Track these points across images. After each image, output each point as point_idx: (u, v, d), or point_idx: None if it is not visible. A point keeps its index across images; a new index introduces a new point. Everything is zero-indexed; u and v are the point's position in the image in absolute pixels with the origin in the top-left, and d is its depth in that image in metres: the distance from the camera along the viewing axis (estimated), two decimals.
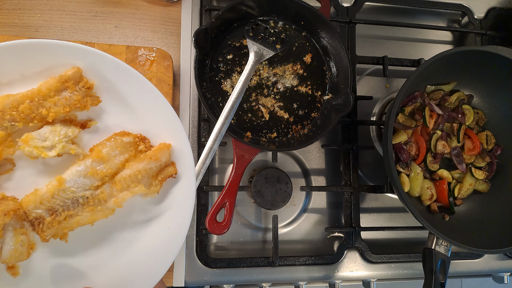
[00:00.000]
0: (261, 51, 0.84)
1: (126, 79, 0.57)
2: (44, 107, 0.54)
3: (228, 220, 0.75)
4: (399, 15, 1.10)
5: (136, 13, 0.92)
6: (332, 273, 0.90)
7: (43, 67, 0.55)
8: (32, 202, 0.52)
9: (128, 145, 0.56)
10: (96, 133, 0.58)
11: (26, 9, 0.88)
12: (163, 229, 0.57)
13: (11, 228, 0.51)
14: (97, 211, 0.54)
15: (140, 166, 0.55)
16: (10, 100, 0.52)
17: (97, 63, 0.56)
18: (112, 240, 0.57)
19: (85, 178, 0.54)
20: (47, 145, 0.53)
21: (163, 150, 0.56)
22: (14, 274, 0.53)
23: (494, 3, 1.11)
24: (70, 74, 0.55)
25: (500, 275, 0.99)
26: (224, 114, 0.72)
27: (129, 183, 0.55)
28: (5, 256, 0.51)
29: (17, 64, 0.54)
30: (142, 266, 0.56)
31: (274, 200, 0.87)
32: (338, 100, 0.86)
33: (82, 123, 0.58)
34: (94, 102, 0.57)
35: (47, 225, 0.53)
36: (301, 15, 0.89)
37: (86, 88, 0.56)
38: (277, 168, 0.90)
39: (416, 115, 0.91)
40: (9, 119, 0.52)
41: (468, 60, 0.85)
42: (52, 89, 0.54)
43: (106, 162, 0.55)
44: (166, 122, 0.57)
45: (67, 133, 0.55)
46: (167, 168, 0.57)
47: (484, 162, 0.93)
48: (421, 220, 0.75)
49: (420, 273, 0.88)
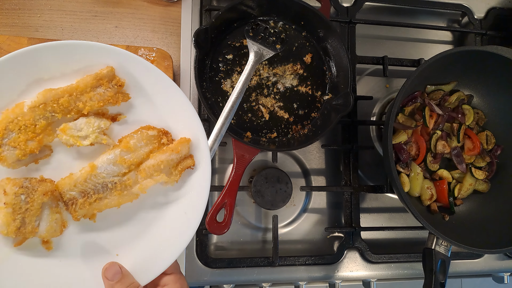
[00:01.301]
0: (261, 51, 0.84)
1: (153, 79, 0.63)
2: (80, 101, 0.61)
3: (228, 220, 0.75)
4: (399, 15, 1.10)
5: (136, 13, 0.92)
6: (332, 273, 0.90)
7: (80, 65, 0.62)
8: (67, 184, 0.59)
9: (153, 138, 0.63)
10: (124, 126, 0.64)
11: (26, 9, 0.88)
12: (180, 213, 0.64)
13: (47, 207, 0.58)
14: (124, 195, 0.61)
15: (163, 157, 0.61)
16: (51, 94, 0.59)
17: (128, 64, 0.62)
18: (135, 220, 0.64)
19: (114, 166, 0.60)
20: (82, 135, 0.60)
21: (184, 143, 0.62)
22: (48, 248, 0.60)
23: (494, 3, 1.11)
24: (104, 72, 0.61)
25: (500, 275, 0.99)
26: (224, 114, 0.72)
27: (152, 172, 0.61)
28: (41, 232, 0.57)
29: (58, 62, 0.61)
30: (161, 245, 0.62)
31: (274, 200, 0.87)
32: (338, 100, 0.86)
33: (113, 116, 0.64)
34: (124, 98, 0.63)
35: (79, 206, 0.59)
36: (301, 15, 0.89)
37: (118, 86, 0.62)
38: (277, 168, 0.90)
39: (416, 115, 0.91)
40: (50, 110, 0.59)
41: (468, 60, 0.85)
42: (89, 85, 0.61)
43: (133, 152, 0.62)
44: (187, 119, 0.64)
45: (99, 125, 0.61)
46: (186, 160, 0.63)
47: (484, 162, 0.93)
48: (421, 220, 0.75)
49: (420, 273, 0.88)
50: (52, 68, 0.61)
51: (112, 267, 0.58)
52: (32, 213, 0.56)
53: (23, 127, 0.58)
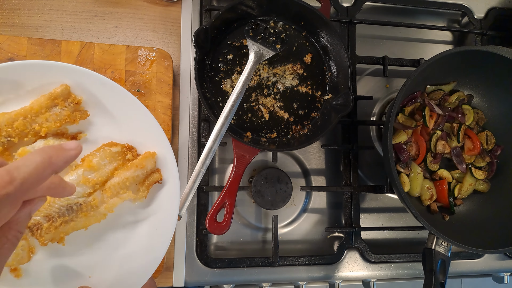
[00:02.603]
0: (261, 51, 0.84)
1: (110, 94, 0.61)
2: (36, 123, 0.58)
3: (228, 220, 0.75)
4: (399, 15, 1.10)
5: (136, 13, 0.92)
6: (332, 273, 0.90)
7: (34, 85, 0.59)
8: None
9: (117, 155, 0.61)
10: (86, 145, 0.62)
11: (26, 9, 0.88)
12: (151, 230, 0.62)
13: None
14: (90, 216, 0.58)
15: (128, 174, 0.59)
16: (5, 118, 0.56)
17: (83, 80, 0.60)
18: (105, 241, 0.62)
19: (78, 187, 0.58)
20: None
21: (148, 158, 0.61)
22: (17, 275, 0.57)
23: (494, 3, 1.11)
24: (59, 91, 0.59)
25: (500, 275, 0.99)
26: (224, 114, 0.72)
27: (119, 190, 0.59)
28: (8, 260, 0.54)
29: (11, 84, 0.58)
30: (134, 265, 0.61)
31: (274, 200, 0.87)
32: (338, 100, 0.86)
33: (73, 135, 0.62)
34: (83, 116, 0.61)
35: (45, 230, 0.56)
36: (301, 15, 0.89)
37: (74, 104, 0.60)
38: (277, 168, 0.90)
39: (416, 115, 0.91)
40: (5, 135, 0.56)
41: (468, 60, 0.85)
42: (43, 106, 0.58)
43: (97, 171, 0.59)
44: (150, 132, 0.62)
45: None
46: (153, 174, 0.61)
47: (484, 162, 0.93)
48: (421, 220, 0.75)
49: (420, 273, 0.88)
50: (5, 91, 0.58)
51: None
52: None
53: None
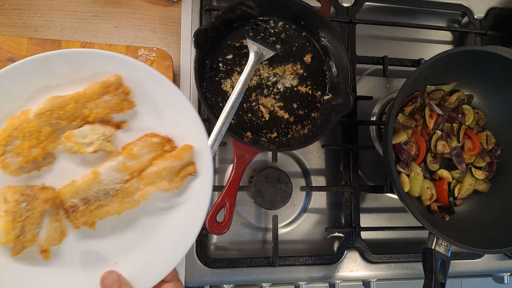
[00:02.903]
0: (261, 51, 0.84)
1: (158, 87, 0.64)
2: (87, 108, 0.61)
3: (228, 220, 0.75)
4: (399, 15, 1.10)
5: (136, 13, 0.92)
6: (332, 273, 0.90)
7: (88, 73, 0.62)
8: (69, 192, 0.59)
9: (156, 145, 0.63)
10: (128, 133, 0.64)
11: (26, 9, 0.88)
12: (180, 220, 0.63)
13: (48, 215, 0.58)
14: (125, 202, 0.61)
15: (165, 164, 0.61)
16: (58, 101, 0.59)
17: (135, 72, 0.63)
18: (135, 227, 0.64)
19: (117, 173, 0.60)
20: (86, 142, 0.60)
21: (186, 150, 0.62)
22: (46, 257, 0.59)
23: (494, 3, 1.11)
24: (112, 80, 0.61)
25: (500, 275, 0.99)
26: (224, 114, 0.72)
27: (155, 179, 0.61)
28: (40, 240, 0.57)
29: (67, 70, 0.61)
30: (161, 252, 0.62)
31: (274, 200, 0.87)
32: (338, 100, 0.86)
33: (117, 123, 0.64)
34: (130, 106, 0.63)
35: (80, 213, 0.59)
36: (301, 15, 0.89)
37: (124, 94, 0.63)
38: (277, 168, 0.90)
39: (416, 115, 0.91)
40: (56, 117, 0.59)
41: (468, 60, 0.85)
42: (96, 92, 0.61)
43: (136, 159, 0.61)
44: (190, 126, 0.64)
45: (104, 132, 0.61)
46: (188, 167, 0.63)
47: (484, 162, 0.93)
48: (421, 220, 0.75)
49: (420, 273, 0.88)
50: (60, 75, 0.61)
51: (110, 276, 0.58)
52: (32, 221, 0.56)
53: (27, 134, 0.58)
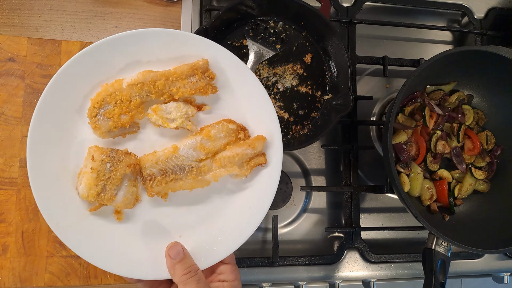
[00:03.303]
0: (261, 51, 0.84)
1: (240, 76, 0.67)
2: (175, 86, 0.65)
3: None
4: (399, 15, 1.10)
5: (136, 13, 0.92)
6: (332, 273, 0.90)
7: (177, 54, 0.66)
8: (150, 161, 0.63)
9: (232, 131, 0.66)
10: (208, 116, 0.68)
11: (26, 9, 0.88)
12: (245, 207, 0.67)
13: (127, 179, 0.62)
14: (198, 180, 0.64)
15: (239, 150, 0.65)
16: (151, 75, 0.63)
17: (221, 59, 0.66)
18: (202, 206, 0.67)
19: (194, 151, 0.64)
20: (170, 118, 0.65)
21: (260, 140, 0.66)
22: (119, 218, 0.63)
23: (494, 3, 1.11)
24: (200, 64, 0.65)
25: (500, 275, 0.99)
26: None
27: (227, 163, 0.65)
28: (118, 201, 0.61)
29: (159, 48, 0.65)
30: (223, 234, 0.65)
31: (274, 200, 0.86)
32: (338, 100, 0.86)
33: (199, 105, 0.68)
34: (213, 90, 0.67)
35: (156, 182, 0.63)
36: (301, 15, 0.89)
37: (209, 78, 0.66)
38: None
39: (416, 115, 0.91)
40: (146, 90, 0.64)
41: (468, 60, 0.85)
42: (184, 73, 0.65)
43: (212, 141, 0.65)
44: (266, 118, 0.67)
45: (187, 111, 0.65)
46: (259, 157, 0.66)
47: (484, 162, 0.92)
48: (421, 220, 0.75)
49: (420, 273, 0.88)
50: (152, 52, 0.65)
51: (175, 247, 0.60)
52: (113, 181, 0.60)
53: (119, 101, 0.62)
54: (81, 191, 0.60)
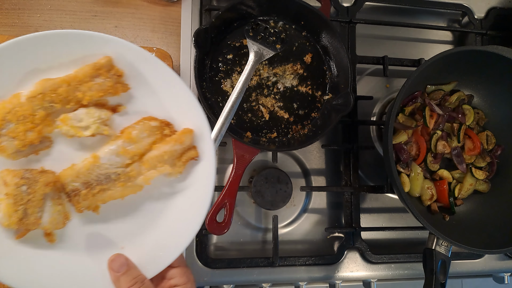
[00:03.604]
0: (261, 51, 0.84)
1: (153, 69, 0.62)
2: (79, 91, 0.60)
3: (228, 220, 0.75)
4: (399, 15, 1.10)
5: (136, 13, 0.92)
6: (332, 274, 0.90)
7: (78, 55, 0.61)
8: (70, 175, 0.58)
9: (155, 129, 0.62)
10: (125, 117, 0.64)
11: (26, 9, 0.88)
12: (185, 205, 0.63)
13: (50, 198, 0.57)
14: (127, 186, 0.60)
15: (166, 148, 0.61)
16: (49, 83, 0.58)
17: (127, 54, 0.61)
18: (140, 212, 0.63)
19: (117, 157, 0.60)
20: (82, 125, 0.59)
21: (187, 134, 0.62)
22: (51, 240, 0.59)
23: (494, 3, 1.11)
24: (103, 62, 0.60)
25: (500, 275, 0.98)
26: (224, 114, 0.72)
27: (156, 163, 0.61)
28: (44, 223, 0.56)
29: (56, 52, 0.60)
30: (167, 238, 0.62)
31: (274, 200, 0.87)
32: (338, 100, 0.86)
33: (113, 107, 0.63)
34: (124, 88, 0.62)
35: (82, 197, 0.59)
36: (301, 15, 0.88)
37: (117, 76, 0.61)
38: (277, 168, 0.90)
39: (416, 115, 0.91)
40: (49, 100, 0.58)
41: (468, 60, 0.85)
42: (87, 75, 0.60)
43: (136, 143, 0.61)
44: (189, 110, 0.63)
45: (100, 115, 0.60)
46: (190, 151, 0.63)
47: (485, 162, 0.92)
48: (421, 220, 0.75)
49: (420, 273, 0.88)
50: (50, 58, 0.60)
51: (117, 259, 0.58)
52: (34, 204, 0.55)
53: (21, 117, 0.56)
54: (1, 220, 0.54)
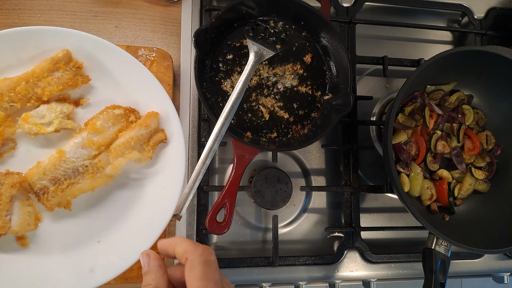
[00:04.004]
0: (261, 51, 0.84)
1: (110, 56, 0.61)
2: (39, 87, 0.58)
3: (228, 220, 0.75)
4: (399, 15, 1.10)
5: (136, 13, 0.92)
6: (332, 273, 0.90)
7: (36, 51, 0.59)
8: (36, 174, 0.57)
9: (120, 117, 0.61)
10: (89, 109, 0.62)
11: (26, 9, 0.88)
12: (158, 189, 0.62)
13: (17, 200, 0.55)
14: (97, 178, 0.59)
15: (132, 133, 0.60)
16: (7, 83, 0.56)
17: (84, 45, 0.60)
18: (112, 203, 0.62)
19: (83, 149, 0.58)
20: (45, 122, 0.58)
21: (152, 117, 0.61)
22: (24, 244, 0.57)
23: (494, 3, 1.11)
24: (60, 55, 0.59)
25: (500, 275, 0.99)
26: (224, 114, 0.72)
27: (124, 150, 0.59)
28: (14, 227, 0.54)
29: (13, 50, 0.58)
30: (143, 224, 0.60)
31: (274, 200, 0.87)
32: (338, 100, 0.86)
33: (75, 100, 0.62)
34: (84, 80, 0.61)
35: (52, 194, 0.57)
36: (301, 15, 0.89)
37: (76, 68, 0.60)
38: (277, 168, 0.90)
39: (416, 115, 0.91)
40: (8, 100, 0.56)
41: (468, 60, 0.85)
42: (45, 70, 0.58)
43: (101, 133, 0.60)
44: (152, 93, 0.62)
45: (62, 109, 0.59)
46: (157, 134, 0.62)
47: (484, 162, 0.93)
48: (421, 220, 0.75)
49: (420, 273, 0.88)
50: (7, 56, 0.58)
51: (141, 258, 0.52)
52: (1, 207, 0.53)
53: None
54: None
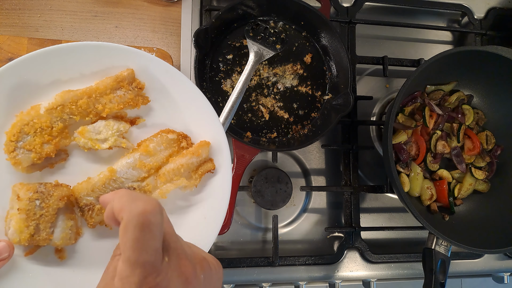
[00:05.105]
0: (261, 51, 0.84)
1: (173, 81, 0.62)
2: (100, 103, 0.58)
3: (228, 220, 0.75)
4: (399, 15, 1.10)
5: (136, 13, 0.92)
6: (332, 273, 0.90)
7: (100, 67, 0.60)
8: (85, 189, 0.57)
9: (172, 142, 0.61)
10: (143, 129, 0.63)
11: (26, 9, 0.88)
12: (200, 218, 0.61)
13: (62, 213, 0.55)
14: None
15: (183, 161, 0.60)
16: (70, 95, 0.57)
17: (149, 66, 0.61)
18: None
19: (134, 170, 0.58)
20: (100, 138, 0.58)
21: (204, 146, 0.61)
22: (61, 257, 0.56)
23: (494, 3, 1.11)
24: (125, 74, 0.59)
25: (500, 275, 0.98)
26: (224, 114, 0.72)
27: (172, 176, 0.60)
28: (55, 240, 0.54)
29: (78, 63, 0.59)
30: None
31: (274, 200, 0.87)
32: (338, 100, 0.86)
33: (132, 120, 0.63)
34: (144, 101, 0.62)
35: (96, 212, 0.57)
36: (301, 15, 0.89)
37: (138, 88, 0.61)
38: (277, 168, 0.90)
39: (416, 115, 0.91)
40: (68, 112, 0.57)
41: (468, 60, 0.85)
42: (108, 87, 0.59)
43: (153, 156, 0.60)
44: (207, 122, 0.62)
45: (119, 128, 0.59)
46: (206, 163, 0.62)
47: (484, 162, 0.93)
48: (421, 220, 0.75)
49: (420, 273, 0.88)
50: (71, 69, 0.59)
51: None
52: (47, 219, 0.53)
53: (39, 129, 0.55)
54: (11, 236, 0.52)
